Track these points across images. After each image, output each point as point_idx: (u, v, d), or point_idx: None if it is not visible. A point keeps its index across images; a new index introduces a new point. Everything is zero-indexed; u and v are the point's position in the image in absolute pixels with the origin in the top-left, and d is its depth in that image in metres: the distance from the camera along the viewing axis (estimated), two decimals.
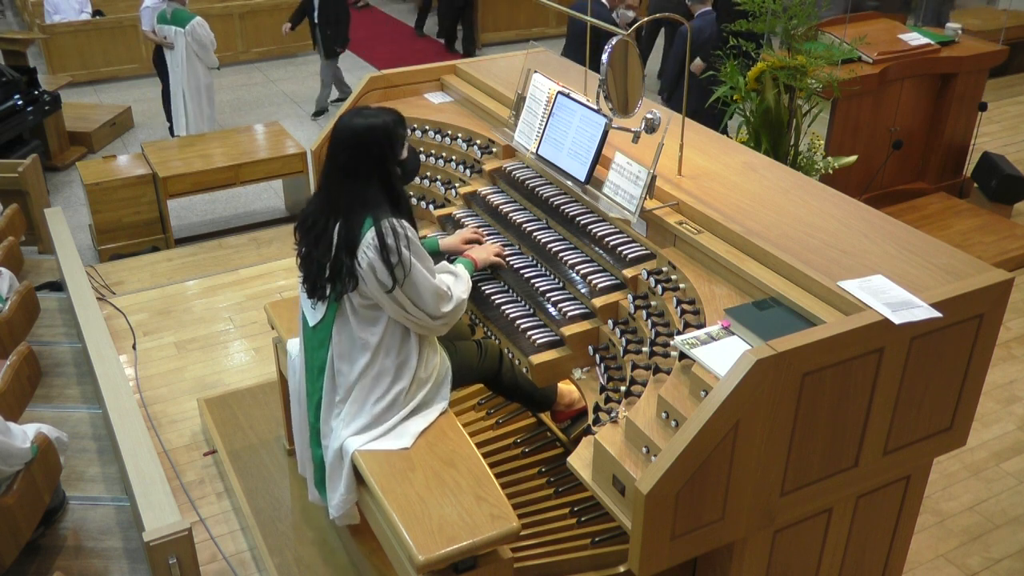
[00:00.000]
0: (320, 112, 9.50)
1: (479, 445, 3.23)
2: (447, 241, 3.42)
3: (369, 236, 2.80)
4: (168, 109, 8.59)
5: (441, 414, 3.09)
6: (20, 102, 7.77)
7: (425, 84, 4.39)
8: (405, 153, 3.00)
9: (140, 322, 5.33)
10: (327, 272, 2.86)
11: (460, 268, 3.18)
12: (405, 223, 2.85)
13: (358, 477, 2.99)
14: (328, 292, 2.90)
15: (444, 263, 3.21)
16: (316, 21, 8.92)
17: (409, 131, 4.04)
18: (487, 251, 3.34)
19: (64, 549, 3.38)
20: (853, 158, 5.15)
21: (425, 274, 2.87)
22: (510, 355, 3.20)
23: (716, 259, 2.82)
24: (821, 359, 2.32)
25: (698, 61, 6.81)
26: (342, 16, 8.94)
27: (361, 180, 2.84)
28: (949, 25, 6.52)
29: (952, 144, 6.43)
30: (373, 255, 2.78)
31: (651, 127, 3.07)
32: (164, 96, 8.54)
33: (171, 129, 8.77)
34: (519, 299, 3.25)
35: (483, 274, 3.37)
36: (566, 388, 3.51)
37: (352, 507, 3.07)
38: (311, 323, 3.04)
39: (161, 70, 8.38)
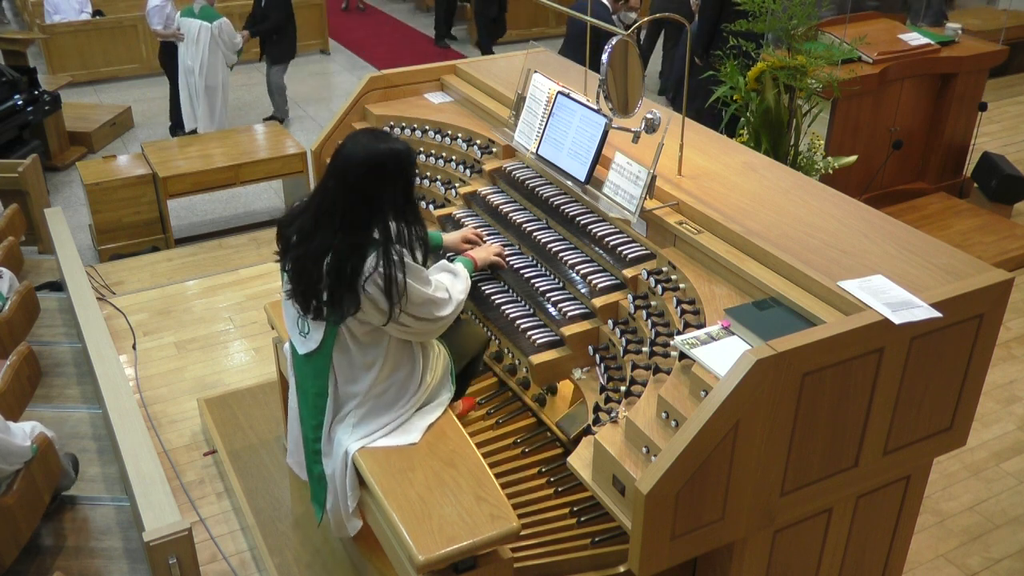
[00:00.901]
0: (278, 119, 9.22)
1: (479, 445, 3.23)
2: (448, 238, 3.42)
3: (370, 264, 2.70)
4: (175, 108, 8.58)
5: (448, 406, 3.10)
6: (20, 102, 7.77)
7: (425, 84, 4.39)
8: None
9: (140, 322, 5.33)
10: (325, 293, 2.75)
11: (459, 267, 3.16)
12: (398, 247, 2.76)
13: (359, 478, 2.99)
14: (326, 313, 2.80)
15: (443, 262, 3.20)
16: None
17: (409, 132, 4.06)
18: (487, 251, 3.33)
19: (64, 549, 3.37)
20: (853, 158, 5.15)
21: (420, 290, 2.81)
22: (509, 353, 3.20)
23: (716, 259, 2.82)
24: (821, 359, 2.32)
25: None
26: (284, 23, 8.72)
27: (379, 206, 2.74)
28: (949, 25, 6.52)
29: (952, 144, 6.43)
30: (377, 288, 2.71)
31: (651, 127, 3.07)
32: (172, 95, 8.54)
33: (172, 129, 8.77)
34: (519, 299, 3.25)
35: (483, 274, 3.37)
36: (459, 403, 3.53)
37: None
38: (301, 352, 2.96)
39: (169, 69, 8.38)
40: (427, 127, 4.03)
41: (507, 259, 3.35)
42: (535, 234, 3.35)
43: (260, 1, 8.68)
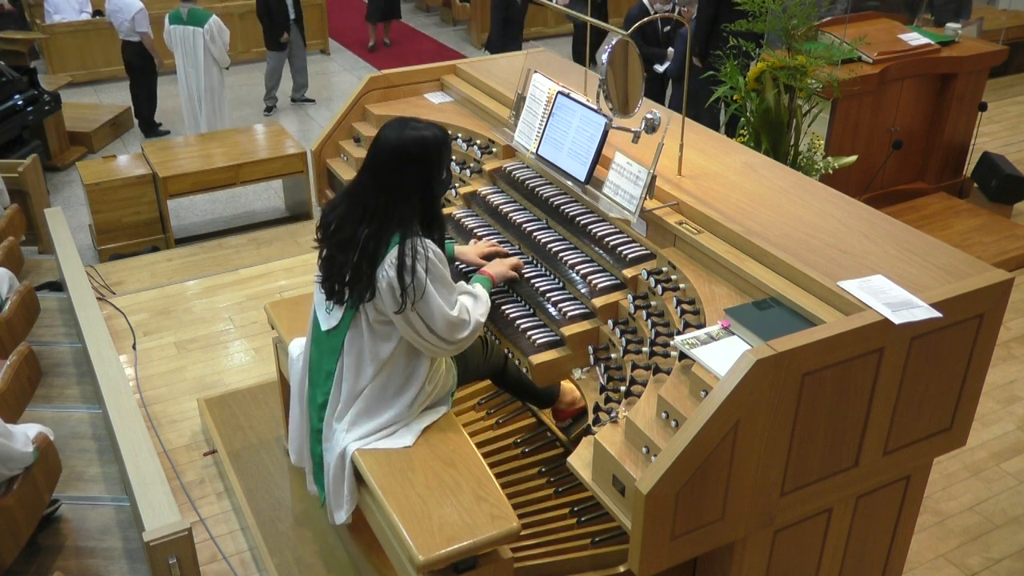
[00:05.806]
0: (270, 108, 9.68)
1: (479, 445, 3.23)
2: (462, 251, 3.33)
3: (393, 254, 2.74)
4: (140, 106, 8.64)
5: (442, 416, 3.09)
6: (20, 102, 7.78)
7: (425, 84, 4.39)
8: (445, 173, 2.91)
9: (140, 322, 5.33)
10: (347, 278, 2.81)
11: (479, 288, 3.08)
12: (429, 243, 2.78)
13: (358, 477, 2.99)
14: (346, 297, 2.85)
15: (463, 283, 3.13)
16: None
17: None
18: (504, 265, 3.24)
19: (64, 549, 3.38)
20: (853, 158, 5.15)
21: (440, 302, 2.80)
22: (509, 354, 3.20)
23: (716, 259, 2.82)
24: (821, 359, 2.32)
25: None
26: (273, 6, 8.97)
27: (400, 195, 2.77)
28: (949, 25, 6.52)
29: (952, 144, 6.43)
30: (393, 274, 2.73)
31: (651, 127, 3.07)
32: (149, 95, 8.61)
33: (148, 128, 8.82)
34: (519, 299, 3.25)
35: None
36: (568, 387, 3.50)
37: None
38: (324, 327, 3.00)
39: (145, 69, 8.46)
40: None
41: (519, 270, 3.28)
42: (535, 234, 3.35)
43: None
